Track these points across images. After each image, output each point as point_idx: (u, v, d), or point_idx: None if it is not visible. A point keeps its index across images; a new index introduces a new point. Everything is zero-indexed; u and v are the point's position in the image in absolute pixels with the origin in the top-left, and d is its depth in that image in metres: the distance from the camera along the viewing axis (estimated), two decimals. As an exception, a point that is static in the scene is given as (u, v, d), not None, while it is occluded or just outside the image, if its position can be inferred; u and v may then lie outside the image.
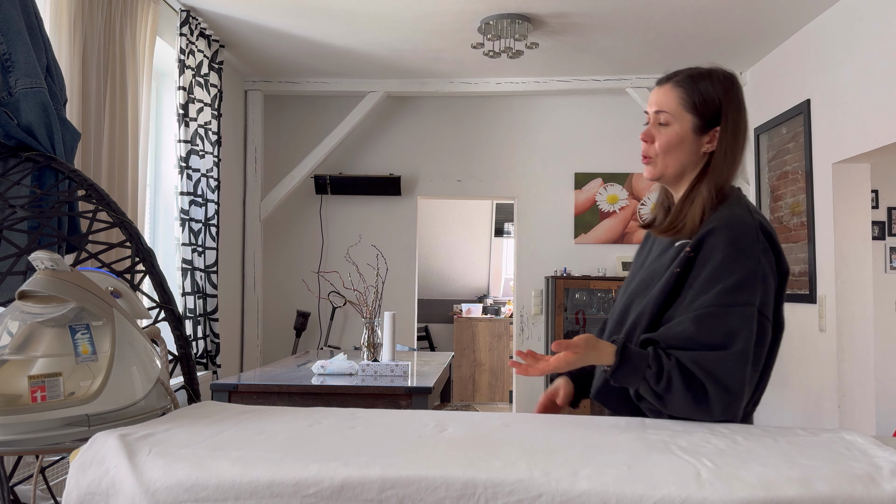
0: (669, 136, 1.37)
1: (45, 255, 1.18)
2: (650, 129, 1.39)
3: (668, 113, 1.37)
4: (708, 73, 1.42)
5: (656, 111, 1.39)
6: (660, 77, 1.43)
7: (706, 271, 1.27)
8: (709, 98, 1.38)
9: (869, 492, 0.89)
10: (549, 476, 0.92)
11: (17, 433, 1.08)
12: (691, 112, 1.38)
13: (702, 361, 1.21)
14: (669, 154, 1.38)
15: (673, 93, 1.38)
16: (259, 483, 0.92)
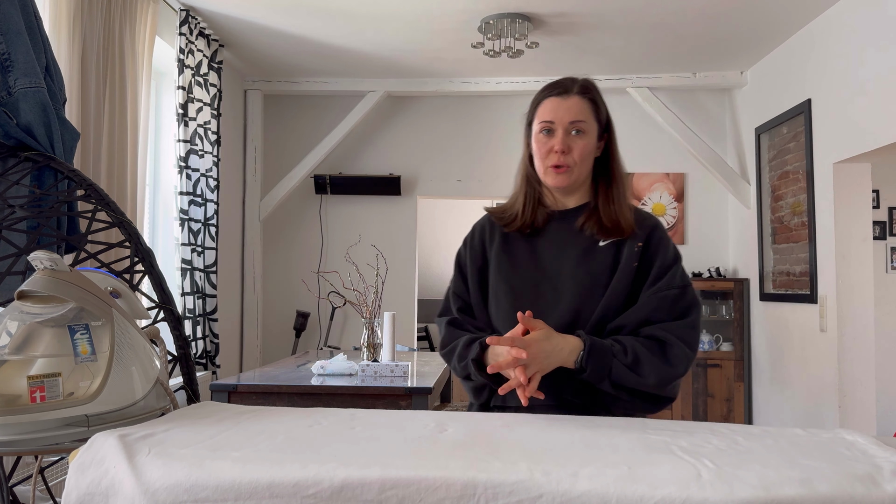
0: (586, 145, 1.47)
1: (45, 255, 1.18)
2: (566, 139, 1.45)
3: (585, 122, 1.46)
4: (594, 84, 1.53)
5: (573, 121, 1.45)
6: (557, 88, 1.48)
7: (659, 260, 1.45)
8: (603, 107, 1.52)
9: (869, 492, 0.89)
10: (549, 476, 0.91)
11: (16, 433, 1.08)
12: (597, 121, 1.50)
13: (670, 328, 1.39)
14: (584, 162, 1.48)
15: (584, 103, 1.47)
16: (259, 483, 0.92)
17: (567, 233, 1.50)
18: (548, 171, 1.48)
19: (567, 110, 1.45)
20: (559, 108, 1.46)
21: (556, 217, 1.52)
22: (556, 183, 1.47)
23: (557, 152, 1.45)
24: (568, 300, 1.44)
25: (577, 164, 1.46)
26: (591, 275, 1.45)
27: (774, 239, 4.43)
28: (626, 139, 5.20)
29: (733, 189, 4.81)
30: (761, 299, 4.61)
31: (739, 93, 4.93)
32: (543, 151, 1.47)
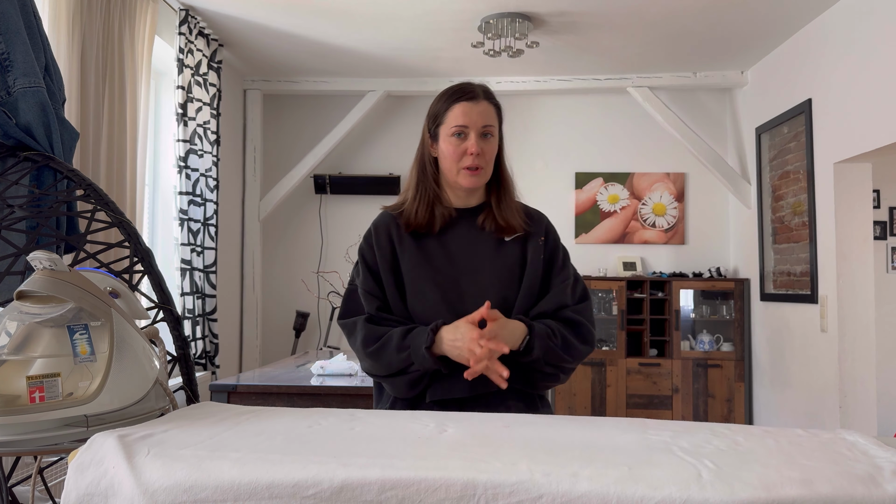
0: (494, 147, 1.58)
1: (44, 255, 1.18)
2: (479, 142, 1.53)
3: (493, 126, 1.56)
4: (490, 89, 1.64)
5: (486, 125, 1.54)
6: (466, 94, 1.55)
7: (560, 252, 1.63)
8: (501, 112, 1.62)
9: (870, 492, 0.88)
10: (549, 477, 0.91)
11: (15, 434, 1.08)
12: (499, 125, 1.60)
13: (579, 311, 1.58)
14: (492, 163, 1.58)
15: (491, 109, 1.57)
16: (258, 484, 0.92)
17: (473, 229, 1.59)
18: (461, 173, 1.55)
19: (479, 115, 1.54)
20: (472, 113, 1.53)
21: (462, 215, 1.60)
22: (470, 184, 1.55)
23: (472, 154, 1.53)
24: (493, 291, 1.54)
25: (488, 165, 1.57)
26: (506, 267, 1.57)
27: (775, 239, 4.43)
28: (626, 139, 5.21)
29: (734, 189, 4.81)
30: (762, 299, 4.60)
31: (740, 92, 4.93)
32: (457, 154, 1.54)
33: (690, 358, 4.83)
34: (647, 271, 5.14)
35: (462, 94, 1.54)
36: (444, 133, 1.55)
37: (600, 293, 5.02)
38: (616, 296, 4.89)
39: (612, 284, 4.91)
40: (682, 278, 4.91)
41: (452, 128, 1.53)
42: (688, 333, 4.97)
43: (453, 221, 1.59)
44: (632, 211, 5.17)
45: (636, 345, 4.95)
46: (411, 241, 1.58)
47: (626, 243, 5.18)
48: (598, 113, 5.21)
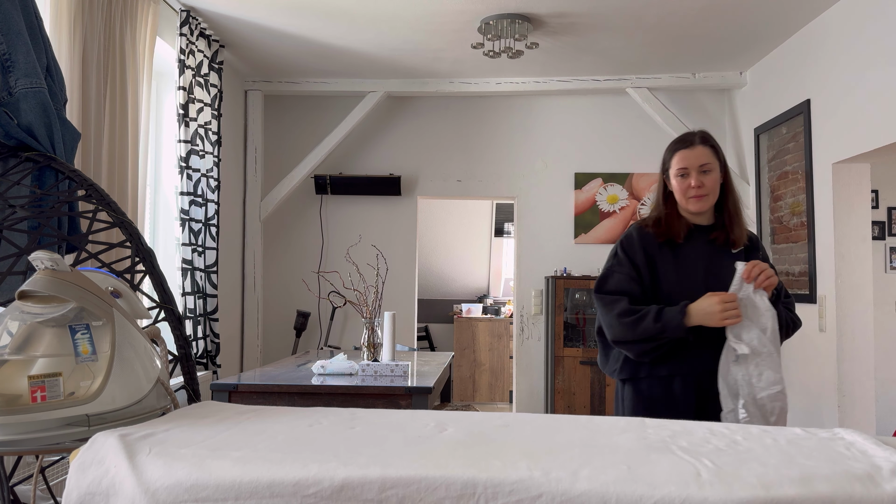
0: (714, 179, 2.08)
1: (45, 255, 1.18)
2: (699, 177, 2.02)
3: (709, 163, 2.02)
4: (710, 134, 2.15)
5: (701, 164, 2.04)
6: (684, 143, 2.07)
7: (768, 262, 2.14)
8: (720, 152, 2.11)
9: (869, 491, 0.89)
10: (548, 476, 0.92)
11: (17, 433, 1.08)
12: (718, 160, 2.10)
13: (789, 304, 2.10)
14: (715, 190, 2.08)
15: (706, 150, 2.05)
16: (259, 483, 0.92)
17: (705, 243, 2.04)
18: (689, 201, 2.01)
19: (696, 157, 2.00)
20: (689, 157, 2.01)
21: (694, 231, 2.05)
22: (696, 207, 2.00)
23: (694, 187, 1.99)
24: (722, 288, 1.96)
25: (711, 192, 2.01)
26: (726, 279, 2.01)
27: (774, 239, 4.44)
28: (625, 139, 5.22)
29: (733, 189, 4.81)
30: (761, 299, 4.60)
31: (739, 93, 4.94)
32: (683, 188, 2.01)
33: (690, 358, 4.82)
34: (647, 271, 5.14)
35: (682, 144, 2.02)
36: (673, 172, 2.03)
37: (600, 293, 5.01)
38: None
39: (611, 285, 4.90)
40: (681, 278, 4.90)
41: (678, 169, 2.01)
42: (687, 333, 4.97)
43: (692, 234, 2.04)
44: (631, 211, 5.18)
45: (636, 345, 4.94)
46: (668, 250, 2.03)
47: (626, 243, 5.17)
48: (597, 113, 5.22)
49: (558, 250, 5.19)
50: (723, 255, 2.04)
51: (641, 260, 2.02)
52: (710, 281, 1.99)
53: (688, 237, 2.04)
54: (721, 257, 2.03)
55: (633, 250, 2.04)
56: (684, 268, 2.02)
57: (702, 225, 2.07)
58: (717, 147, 2.04)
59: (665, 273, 2.02)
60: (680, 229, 2.03)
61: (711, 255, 2.02)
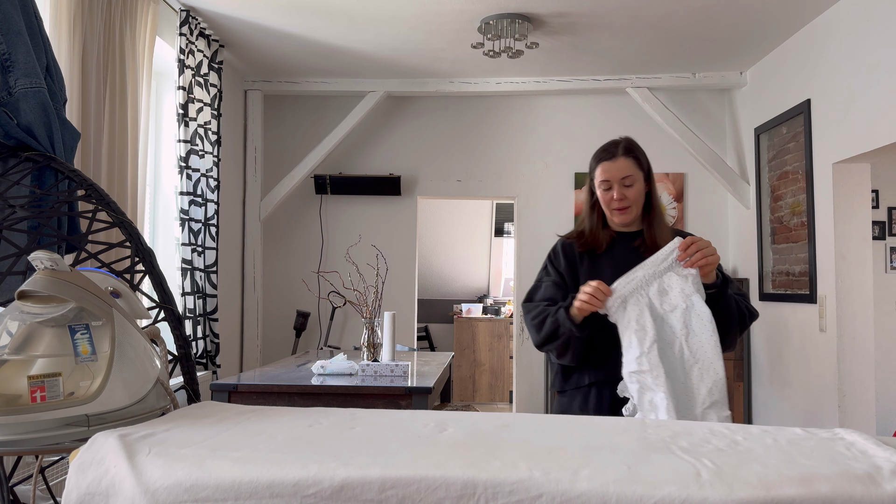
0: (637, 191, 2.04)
1: (45, 255, 1.18)
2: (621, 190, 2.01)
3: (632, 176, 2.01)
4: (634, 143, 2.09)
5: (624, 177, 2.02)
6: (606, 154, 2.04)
7: None
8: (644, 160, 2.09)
9: (869, 492, 0.89)
10: (549, 476, 0.92)
11: (16, 433, 1.08)
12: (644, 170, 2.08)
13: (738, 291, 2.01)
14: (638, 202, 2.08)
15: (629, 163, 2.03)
16: (259, 483, 0.92)
17: (632, 249, 2.01)
18: (613, 213, 2.00)
19: (618, 170, 1.98)
20: (612, 170, 1.99)
21: (622, 237, 2.05)
22: (620, 220, 2.00)
23: (617, 200, 1.98)
24: None
25: (634, 204, 1.99)
26: None
27: (774, 239, 4.44)
28: (625, 139, 5.21)
29: (733, 189, 4.82)
30: (761, 299, 4.61)
31: (739, 93, 4.94)
32: (606, 200, 2.00)
33: (690, 358, 4.82)
34: (647, 271, 5.14)
35: (604, 155, 2.01)
36: (597, 184, 2.01)
37: (600, 293, 5.01)
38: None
39: (611, 284, 4.90)
40: (681, 278, 4.90)
41: (600, 182, 1.99)
42: (687, 333, 4.97)
43: (615, 242, 2.04)
44: (631, 211, 5.18)
45: (636, 345, 4.94)
46: (588, 260, 2.03)
47: (626, 243, 5.17)
48: (597, 113, 5.22)
49: (558, 250, 5.18)
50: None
51: (565, 269, 2.04)
52: None
53: (611, 245, 2.04)
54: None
55: (558, 261, 2.06)
56: (602, 276, 1.95)
57: (626, 232, 2.06)
58: (641, 156, 2.02)
59: (584, 279, 1.98)
60: (602, 240, 2.04)
61: (633, 262, 1.94)
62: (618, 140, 2.04)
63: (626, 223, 2.02)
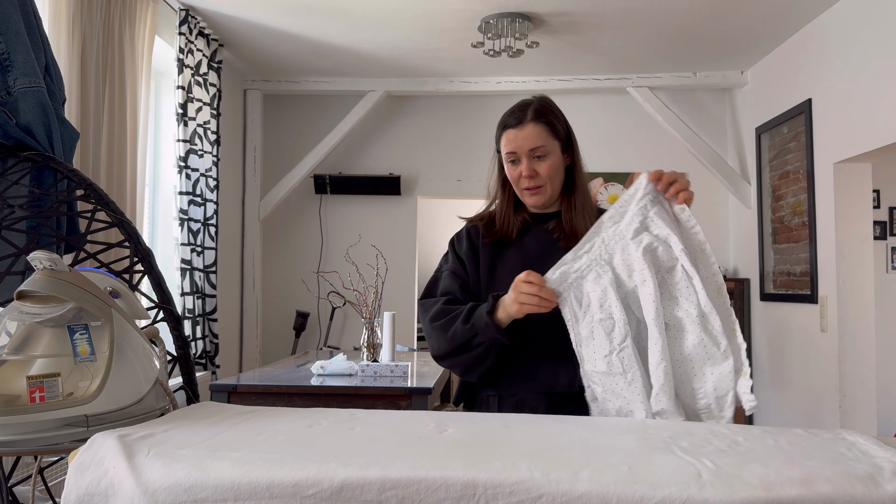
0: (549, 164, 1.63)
1: (44, 255, 1.18)
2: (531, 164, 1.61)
3: (543, 146, 1.60)
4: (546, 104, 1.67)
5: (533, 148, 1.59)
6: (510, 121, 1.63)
7: None
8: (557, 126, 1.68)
9: (870, 492, 0.88)
10: (549, 477, 0.91)
11: (15, 434, 1.08)
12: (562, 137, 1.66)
13: None
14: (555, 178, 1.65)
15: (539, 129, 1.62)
16: (258, 484, 0.92)
17: (547, 236, 1.63)
18: (523, 193, 1.62)
19: (525, 139, 1.58)
20: (517, 139, 1.59)
21: (537, 220, 1.66)
22: (533, 202, 1.62)
23: (526, 177, 1.59)
24: None
25: (549, 182, 1.60)
26: None
27: (775, 239, 4.43)
28: (626, 139, 5.21)
29: (734, 189, 4.81)
30: (762, 299, 4.60)
31: (740, 92, 4.93)
32: (515, 177, 1.62)
33: (690, 358, 4.82)
34: (647, 271, 5.14)
35: (510, 121, 1.61)
36: (503, 157, 1.64)
37: (600, 293, 5.01)
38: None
39: (612, 284, 4.89)
40: (682, 278, 4.90)
41: (505, 154, 1.63)
42: (688, 333, 4.97)
43: (528, 227, 1.65)
44: (632, 211, 5.17)
45: (636, 345, 4.94)
46: (490, 247, 1.65)
47: (626, 243, 5.17)
48: (597, 113, 5.21)
49: (558, 250, 5.18)
50: (558, 252, 1.53)
51: (468, 255, 1.66)
52: None
53: (523, 231, 1.65)
54: (555, 254, 1.53)
55: (461, 246, 1.69)
56: (506, 266, 1.61)
57: (542, 214, 1.67)
58: (557, 122, 1.61)
59: (484, 273, 1.63)
60: (511, 226, 1.64)
61: (545, 249, 1.59)
62: (528, 101, 1.63)
63: (538, 205, 1.63)
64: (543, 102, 1.62)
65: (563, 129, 1.63)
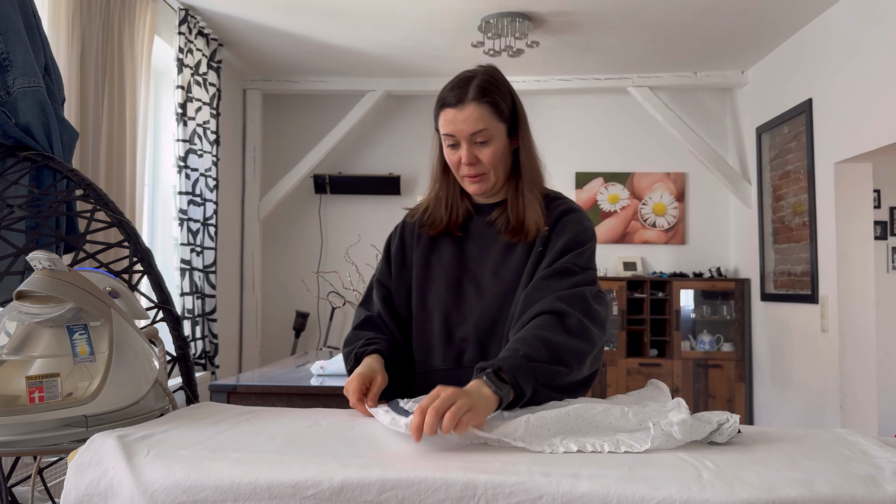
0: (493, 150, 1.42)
1: (43, 255, 1.18)
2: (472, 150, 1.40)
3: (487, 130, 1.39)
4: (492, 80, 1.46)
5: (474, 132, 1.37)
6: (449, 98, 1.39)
7: (559, 241, 1.38)
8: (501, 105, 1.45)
9: (871, 493, 0.88)
10: (549, 477, 0.91)
11: (14, 434, 1.08)
12: (507, 118, 1.44)
13: (566, 298, 1.28)
14: (499, 165, 1.44)
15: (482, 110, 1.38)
16: (258, 484, 0.92)
17: (490, 227, 1.45)
18: (464, 180, 1.43)
19: (465, 122, 1.36)
20: (456, 121, 1.36)
21: (481, 211, 1.48)
22: (475, 191, 1.43)
23: (466, 164, 1.39)
24: (491, 298, 1.39)
25: (493, 169, 1.40)
26: (510, 270, 1.40)
27: (775, 239, 4.43)
28: (626, 139, 5.21)
29: (734, 189, 4.81)
30: (762, 299, 4.60)
31: (740, 92, 4.93)
32: (454, 163, 1.41)
33: (691, 358, 4.83)
34: (648, 271, 5.14)
35: (450, 98, 1.39)
36: (442, 139, 1.43)
37: (600, 293, 5.00)
38: (616, 296, 4.89)
39: (612, 284, 4.91)
40: (682, 278, 4.90)
41: (443, 136, 1.40)
42: (688, 333, 4.97)
43: (471, 218, 1.47)
44: (632, 211, 5.17)
45: (636, 345, 4.94)
46: (427, 239, 1.48)
47: (627, 243, 5.18)
48: (598, 113, 5.21)
49: (558, 250, 5.17)
50: (501, 246, 1.43)
51: (397, 255, 1.50)
52: (465, 281, 1.42)
53: (465, 223, 1.48)
54: (497, 248, 1.43)
55: (392, 245, 1.53)
56: (442, 262, 1.45)
57: (487, 204, 1.48)
58: (503, 100, 1.41)
59: (418, 271, 1.47)
60: (453, 216, 1.46)
61: (485, 244, 1.44)
62: (469, 75, 1.41)
63: (480, 193, 1.44)
64: (488, 76, 1.41)
65: (510, 109, 1.42)
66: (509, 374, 1.14)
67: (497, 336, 1.38)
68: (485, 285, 1.41)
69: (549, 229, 1.40)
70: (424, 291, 1.45)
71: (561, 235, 1.39)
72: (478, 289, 1.41)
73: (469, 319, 1.39)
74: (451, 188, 1.46)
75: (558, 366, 1.21)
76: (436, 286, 1.43)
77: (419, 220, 1.50)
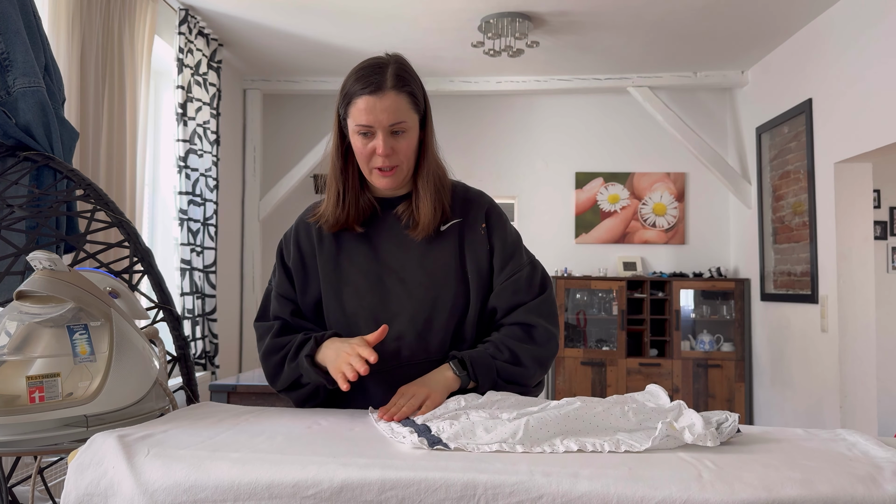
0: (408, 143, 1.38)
1: (43, 255, 1.18)
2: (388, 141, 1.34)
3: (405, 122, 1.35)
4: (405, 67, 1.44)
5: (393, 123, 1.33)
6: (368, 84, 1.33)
7: (508, 239, 1.45)
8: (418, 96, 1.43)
9: (870, 492, 0.88)
10: (549, 477, 0.91)
11: (15, 434, 1.08)
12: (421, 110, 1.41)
13: (532, 309, 1.39)
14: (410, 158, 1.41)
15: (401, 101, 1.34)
16: (258, 484, 0.92)
17: (390, 223, 1.41)
18: (373, 173, 1.36)
19: (385, 111, 1.30)
20: (376, 110, 1.30)
21: (388, 206, 1.42)
22: (385, 185, 1.37)
23: (381, 155, 1.32)
24: (421, 290, 1.36)
25: (406, 161, 1.36)
26: (439, 263, 1.38)
27: (775, 239, 4.43)
28: (626, 139, 5.21)
29: (734, 189, 4.81)
30: (762, 299, 4.60)
31: (740, 92, 4.93)
32: (366, 153, 1.34)
33: (691, 358, 4.83)
34: (648, 271, 5.14)
35: (365, 84, 1.31)
36: (351, 128, 1.34)
37: (600, 293, 5.01)
38: (616, 296, 4.89)
39: (612, 284, 4.91)
40: (682, 278, 4.90)
41: (356, 126, 1.32)
42: (688, 333, 4.97)
43: (377, 213, 1.41)
44: (632, 211, 5.17)
45: (636, 345, 4.94)
46: (331, 240, 1.40)
47: (627, 243, 5.17)
48: (598, 113, 5.21)
49: (559, 250, 5.18)
50: (408, 242, 1.39)
51: (296, 265, 1.42)
52: (386, 279, 1.37)
53: (369, 220, 1.41)
54: (405, 244, 1.39)
55: (288, 253, 1.44)
56: (354, 261, 1.39)
57: (391, 198, 1.43)
58: (418, 91, 1.37)
59: (327, 275, 1.40)
60: (357, 213, 1.39)
61: (397, 240, 1.39)
62: (384, 60, 1.37)
63: (391, 187, 1.38)
64: (402, 65, 1.37)
65: (423, 101, 1.38)
66: (470, 364, 1.32)
67: (435, 329, 1.36)
68: (411, 280, 1.37)
69: (485, 224, 1.43)
70: (341, 296, 1.38)
71: (496, 233, 1.44)
72: (403, 284, 1.37)
73: (401, 316, 1.35)
74: (352, 181, 1.39)
75: (517, 366, 1.35)
76: (353, 288, 1.38)
77: (319, 218, 1.42)
